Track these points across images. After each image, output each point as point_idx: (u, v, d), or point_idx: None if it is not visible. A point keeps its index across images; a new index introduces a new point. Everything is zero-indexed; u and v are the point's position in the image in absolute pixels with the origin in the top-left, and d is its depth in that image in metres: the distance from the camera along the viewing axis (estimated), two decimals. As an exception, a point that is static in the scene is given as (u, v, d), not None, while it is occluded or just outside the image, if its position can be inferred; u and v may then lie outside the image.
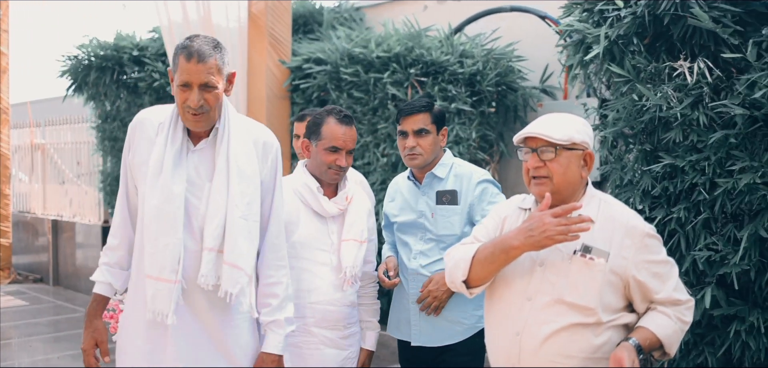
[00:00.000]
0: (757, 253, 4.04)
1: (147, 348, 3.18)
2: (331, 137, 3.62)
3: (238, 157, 3.14)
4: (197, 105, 3.03)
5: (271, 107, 7.19)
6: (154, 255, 3.07)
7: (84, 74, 8.93)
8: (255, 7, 7.22)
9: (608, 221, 2.93)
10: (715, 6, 4.08)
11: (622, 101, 4.55)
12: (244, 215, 3.12)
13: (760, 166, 3.95)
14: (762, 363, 4.21)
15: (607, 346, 2.87)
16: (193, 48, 3.04)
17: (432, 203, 3.87)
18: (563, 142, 2.93)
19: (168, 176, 3.07)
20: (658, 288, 2.90)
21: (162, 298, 3.06)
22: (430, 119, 3.84)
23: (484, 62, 6.48)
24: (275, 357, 3.27)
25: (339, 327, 3.69)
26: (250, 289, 3.19)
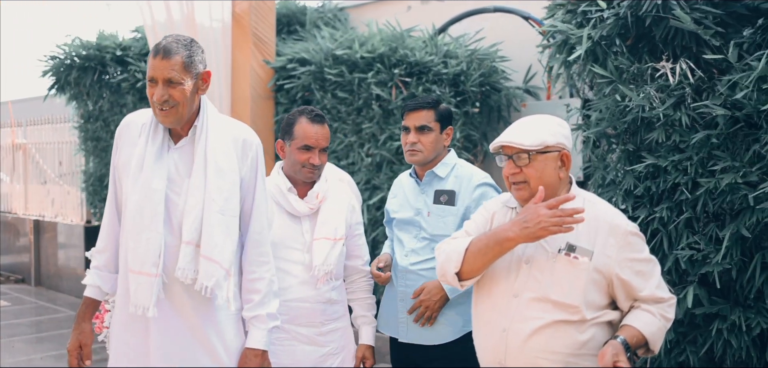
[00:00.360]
0: (738, 252, 4.08)
1: (132, 341, 3.25)
2: (303, 136, 3.66)
3: (217, 153, 3.20)
4: (161, 99, 3.11)
5: (255, 107, 7.19)
6: (135, 250, 3.14)
7: (66, 74, 8.89)
8: (239, 7, 7.21)
9: (592, 220, 2.96)
10: (697, 7, 4.12)
11: (605, 101, 4.58)
12: (222, 210, 3.18)
13: (741, 166, 3.99)
14: (743, 361, 4.25)
15: (592, 343, 2.91)
16: (161, 45, 3.15)
17: (429, 202, 3.85)
18: (535, 147, 2.96)
19: (148, 173, 3.16)
20: (642, 285, 2.94)
21: (143, 292, 3.13)
22: (434, 117, 3.82)
23: (467, 63, 6.51)
24: (258, 352, 3.31)
25: (315, 324, 3.71)
26: (227, 283, 3.23)
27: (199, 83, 3.23)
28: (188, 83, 3.15)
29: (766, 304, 4.09)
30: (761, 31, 4.01)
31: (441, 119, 3.85)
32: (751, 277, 4.09)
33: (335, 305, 3.79)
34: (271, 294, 3.35)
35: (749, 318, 4.11)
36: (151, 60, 3.14)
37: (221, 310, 3.26)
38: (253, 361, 3.30)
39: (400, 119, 6.52)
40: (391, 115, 6.60)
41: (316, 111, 3.73)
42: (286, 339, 3.68)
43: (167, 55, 3.12)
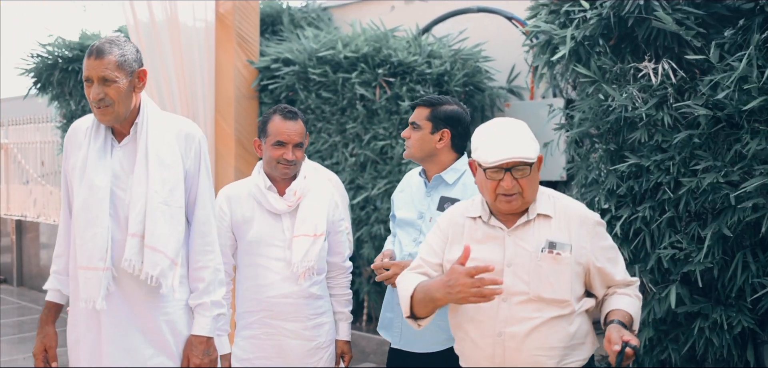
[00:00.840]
0: (720, 251, 4.11)
1: (86, 336, 3.34)
2: (276, 133, 3.74)
3: (158, 147, 3.31)
4: (97, 98, 3.21)
5: (239, 107, 7.17)
6: (83, 246, 3.24)
7: (48, 74, 8.83)
8: (222, 7, 7.19)
9: (562, 215, 3.06)
10: (679, 8, 4.15)
11: (588, 101, 4.61)
12: (166, 201, 3.29)
13: (723, 165, 4.02)
14: (725, 360, 4.28)
15: (579, 332, 3.01)
16: (94, 46, 3.24)
17: (434, 207, 3.77)
18: (535, 159, 3.01)
19: (91, 171, 3.27)
20: (615, 271, 3.08)
21: (92, 286, 3.22)
22: (426, 115, 3.76)
23: (451, 63, 6.51)
24: (203, 339, 3.40)
25: (300, 319, 3.77)
26: (172, 273, 3.31)
27: (135, 81, 3.32)
28: (123, 81, 3.25)
29: (748, 303, 4.13)
30: (742, 31, 4.05)
31: (434, 120, 3.76)
32: (732, 276, 4.12)
33: (319, 300, 3.86)
34: (216, 282, 3.44)
35: (731, 317, 4.14)
36: (86, 61, 3.24)
37: (169, 300, 3.36)
38: (198, 348, 3.39)
39: (384, 118, 6.53)
40: (375, 115, 6.61)
41: (288, 108, 3.79)
42: (273, 335, 3.75)
43: (100, 55, 3.22)
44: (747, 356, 4.24)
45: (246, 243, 3.78)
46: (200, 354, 3.40)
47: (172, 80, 6.81)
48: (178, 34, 6.88)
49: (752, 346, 4.25)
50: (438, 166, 3.80)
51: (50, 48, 8.70)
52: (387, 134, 6.50)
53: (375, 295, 7.22)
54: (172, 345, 3.37)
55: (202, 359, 3.40)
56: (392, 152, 6.48)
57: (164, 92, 6.79)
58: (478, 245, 3.07)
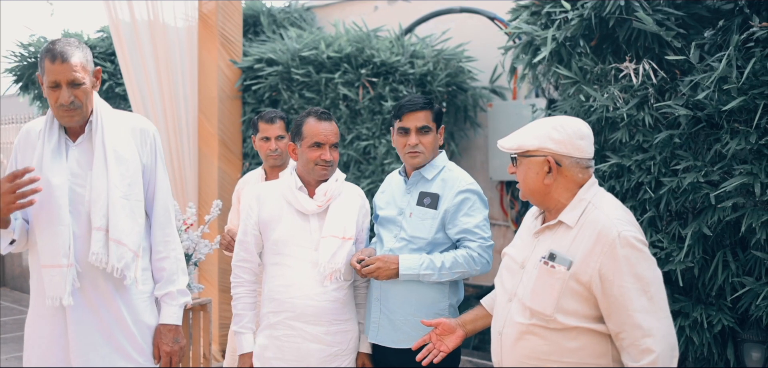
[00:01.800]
0: (700, 250, 4.14)
1: (50, 333, 3.36)
2: (312, 134, 3.72)
3: (115, 143, 3.37)
4: (68, 101, 3.25)
5: (222, 107, 7.16)
6: (45, 245, 3.27)
7: (29, 73, 8.80)
8: (205, 7, 7.18)
9: (585, 226, 2.84)
10: (659, 9, 4.18)
11: (569, 101, 4.63)
12: (126, 195, 3.36)
13: (703, 165, 4.05)
14: (705, 358, 4.31)
15: (586, 352, 2.80)
16: (56, 50, 3.24)
17: (413, 202, 3.80)
18: (514, 151, 2.98)
19: (47, 170, 3.28)
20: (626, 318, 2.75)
21: (57, 283, 3.25)
22: (432, 117, 3.78)
23: (434, 63, 6.53)
24: (171, 327, 3.51)
25: (322, 323, 3.69)
26: (135, 264, 3.38)
27: (94, 80, 3.38)
28: (88, 82, 3.31)
29: (728, 302, 4.16)
30: (722, 32, 4.08)
31: (437, 119, 3.82)
32: (712, 275, 4.15)
33: (343, 306, 3.77)
34: (179, 271, 3.55)
35: (711, 316, 4.17)
36: (51, 65, 3.23)
37: (133, 292, 3.42)
38: (167, 336, 3.49)
39: (367, 118, 6.53)
40: (358, 115, 6.62)
41: (322, 110, 3.79)
42: (293, 336, 3.69)
43: (66, 58, 3.23)
44: (727, 354, 4.26)
45: (272, 242, 3.75)
46: (170, 341, 3.49)
47: (153, 80, 6.80)
48: (159, 33, 6.86)
49: (732, 345, 4.28)
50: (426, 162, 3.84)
51: (32, 48, 8.66)
52: (370, 134, 6.51)
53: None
54: (137, 336, 3.43)
55: (172, 346, 3.49)
56: (375, 151, 6.48)
57: (146, 91, 6.77)
58: (518, 240, 3.12)
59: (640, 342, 2.67)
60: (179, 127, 6.96)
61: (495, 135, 6.55)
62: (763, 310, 3.97)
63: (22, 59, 8.78)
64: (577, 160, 2.90)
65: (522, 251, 3.03)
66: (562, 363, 2.83)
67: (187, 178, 7.02)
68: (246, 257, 3.82)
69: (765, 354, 4.19)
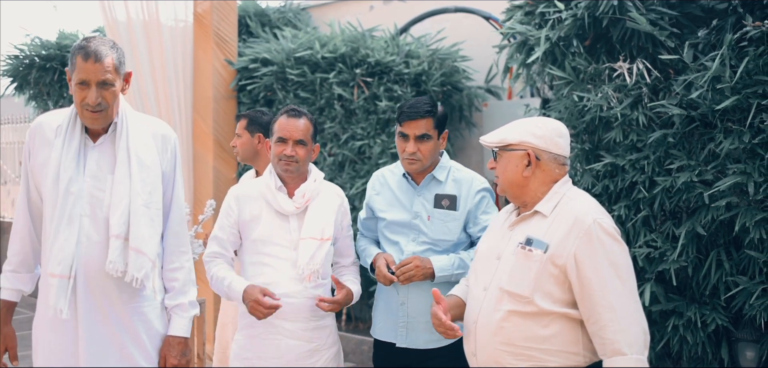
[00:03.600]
0: (694, 250, 4.14)
1: (60, 341, 3.28)
2: (278, 130, 3.74)
3: (138, 148, 3.29)
4: (95, 102, 3.16)
5: (217, 107, 7.16)
6: (54, 254, 3.19)
7: (25, 74, 8.79)
8: (200, 7, 7.17)
9: (560, 214, 2.98)
10: (653, 9, 4.18)
11: (563, 101, 4.63)
12: (146, 203, 3.27)
13: (697, 165, 4.05)
14: (699, 357, 4.31)
15: (558, 339, 2.90)
16: (90, 49, 3.16)
17: (429, 206, 3.77)
18: (495, 144, 3.08)
19: (65, 175, 3.20)
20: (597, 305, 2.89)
21: (60, 294, 3.18)
22: (433, 124, 3.72)
23: (429, 62, 6.53)
24: (180, 340, 3.44)
25: (300, 319, 3.71)
26: (153, 274, 3.33)
27: (124, 84, 3.30)
28: (118, 84, 3.23)
29: (722, 301, 4.16)
30: (715, 31, 4.08)
31: (439, 125, 3.75)
32: (706, 274, 4.15)
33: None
34: (190, 282, 3.50)
35: (705, 315, 4.17)
36: (82, 63, 3.15)
37: (147, 301, 3.36)
38: (175, 348, 3.43)
39: (361, 118, 6.53)
40: (353, 114, 6.62)
41: (294, 107, 3.81)
42: (272, 333, 3.70)
43: (99, 58, 3.16)
44: (721, 354, 4.27)
45: (251, 241, 3.75)
46: (178, 354, 3.42)
47: (148, 80, 6.80)
48: (155, 33, 6.86)
49: (726, 344, 4.29)
50: (430, 167, 3.82)
51: (27, 48, 8.65)
52: (365, 134, 6.51)
53: (354, 295, 7.23)
54: (147, 345, 3.37)
55: (179, 359, 3.42)
56: (370, 151, 6.48)
57: (141, 91, 6.77)
58: (490, 235, 3.22)
59: (609, 326, 2.81)
60: (174, 127, 6.95)
61: (490, 135, 6.55)
62: (756, 309, 3.97)
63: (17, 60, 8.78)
64: (555, 156, 3.05)
65: (497, 244, 3.12)
66: (536, 350, 2.91)
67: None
68: (220, 252, 3.80)
69: (759, 353, 4.20)
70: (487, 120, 6.76)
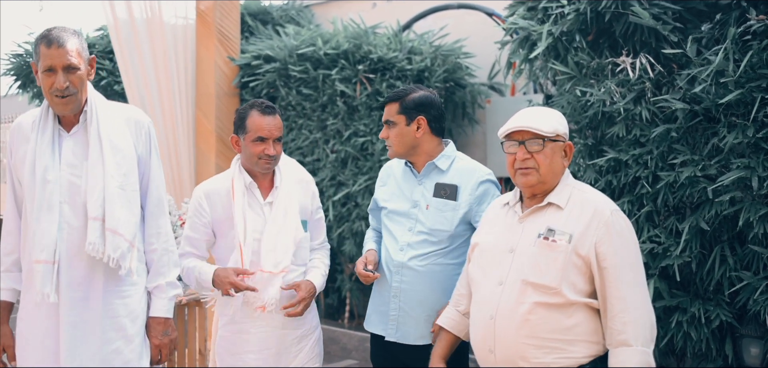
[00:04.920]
0: (697, 245, 4.12)
1: (43, 325, 3.35)
2: (256, 129, 3.71)
3: (110, 133, 3.37)
4: (64, 86, 3.24)
5: (220, 104, 7.16)
6: (37, 241, 3.27)
7: (28, 72, 8.79)
8: (203, 4, 7.17)
9: (577, 205, 3.05)
10: (656, 3, 4.16)
11: (566, 96, 4.62)
12: (122, 186, 3.35)
13: (700, 159, 4.03)
14: (703, 353, 4.30)
15: (579, 329, 2.96)
16: (53, 35, 3.25)
17: (429, 195, 3.74)
18: (550, 134, 3.05)
19: (41, 163, 3.28)
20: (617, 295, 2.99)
21: (47, 279, 3.25)
22: (397, 110, 3.74)
23: (432, 59, 6.53)
24: (161, 320, 3.51)
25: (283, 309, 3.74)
26: (130, 255, 3.36)
27: (89, 69, 3.37)
28: (83, 68, 3.31)
29: (726, 297, 4.14)
30: (719, 26, 4.06)
31: (405, 111, 3.73)
32: (710, 270, 4.13)
33: None
34: (170, 263, 3.55)
35: (709, 311, 4.15)
36: (46, 50, 3.23)
37: (127, 283, 3.42)
38: (157, 329, 3.50)
39: (364, 115, 6.54)
40: (356, 111, 6.61)
41: (266, 103, 3.79)
42: (259, 325, 3.74)
43: (62, 43, 3.24)
44: (725, 349, 4.25)
45: (229, 239, 3.76)
46: (159, 334, 3.50)
47: (151, 77, 6.80)
48: (157, 31, 6.86)
49: (730, 340, 4.27)
50: (424, 155, 3.78)
51: (30, 47, 8.65)
52: (367, 131, 6.51)
53: (357, 292, 7.23)
54: (129, 328, 3.42)
55: (161, 339, 3.50)
56: (372, 148, 6.48)
57: (144, 89, 6.77)
58: (493, 229, 3.21)
59: (618, 316, 2.90)
60: (177, 124, 6.95)
61: (493, 132, 6.53)
62: (761, 305, 3.95)
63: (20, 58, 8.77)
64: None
65: (505, 237, 3.13)
66: (560, 342, 2.95)
67: (185, 174, 7.01)
68: (193, 252, 3.81)
69: (763, 350, 4.18)
70: (490, 117, 6.74)
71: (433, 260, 3.67)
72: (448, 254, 3.68)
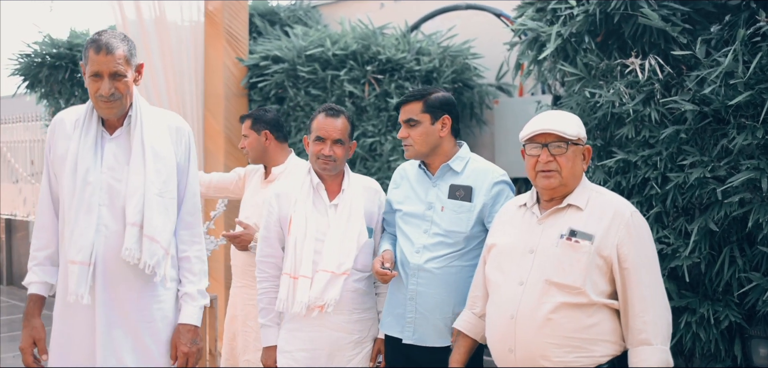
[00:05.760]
0: (706, 246, 4.12)
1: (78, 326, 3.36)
2: (316, 129, 3.84)
3: (153, 140, 3.40)
4: (109, 92, 3.28)
5: (228, 104, 7.17)
6: (74, 241, 3.28)
7: (36, 72, 8.81)
8: (211, 5, 7.18)
9: (597, 207, 3.11)
10: (665, 4, 4.16)
11: (575, 97, 4.62)
12: (161, 192, 3.37)
13: (709, 160, 4.04)
14: (712, 354, 4.30)
15: (600, 328, 3.01)
16: (102, 41, 3.28)
17: (443, 197, 3.74)
18: (573, 137, 3.10)
19: (83, 164, 3.31)
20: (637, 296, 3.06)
21: (81, 280, 3.26)
22: (421, 109, 3.72)
23: (440, 60, 6.53)
24: (190, 328, 3.51)
25: (344, 312, 3.80)
26: (165, 262, 3.39)
27: (136, 75, 3.40)
28: (130, 75, 3.34)
29: (735, 297, 4.15)
30: (728, 27, 4.07)
31: (430, 110, 3.73)
32: (719, 271, 4.14)
33: (364, 296, 3.89)
34: (202, 272, 3.56)
35: (718, 311, 4.16)
36: (95, 56, 3.27)
37: (162, 290, 3.44)
38: (185, 336, 3.49)
39: (372, 115, 6.54)
40: (364, 112, 6.61)
41: (333, 106, 3.90)
42: (317, 327, 3.79)
43: (110, 50, 3.27)
44: (734, 351, 4.25)
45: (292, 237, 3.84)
46: (188, 342, 3.48)
47: (160, 78, 6.81)
48: (166, 32, 6.88)
49: (739, 341, 4.27)
50: (442, 156, 3.78)
51: (38, 47, 8.68)
52: (376, 131, 6.51)
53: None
54: (162, 334, 3.45)
55: (189, 347, 3.49)
56: (381, 148, 6.48)
57: (152, 89, 6.78)
58: (512, 230, 3.24)
59: (638, 316, 2.98)
60: (186, 124, 6.97)
61: (501, 132, 6.54)
62: (770, 306, 3.96)
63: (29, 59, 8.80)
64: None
65: (524, 238, 3.17)
66: (581, 340, 3.00)
67: (194, 175, 7.02)
68: (270, 253, 3.90)
69: (772, 350, 4.19)
70: (498, 118, 6.74)
71: (449, 262, 3.67)
72: (463, 255, 3.68)
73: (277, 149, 4.93)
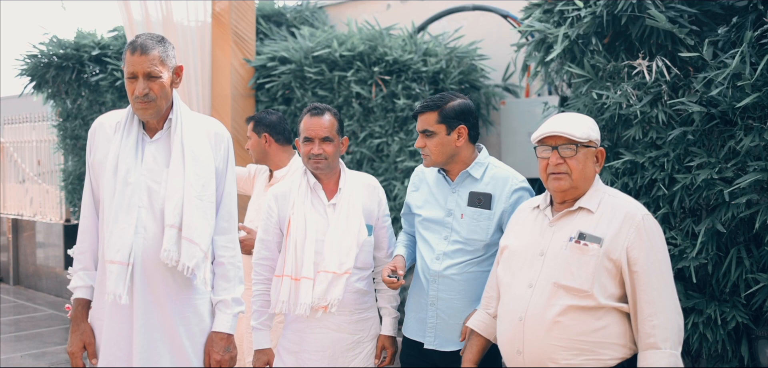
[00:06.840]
0: (714, 247, 4.13)
1: (116, 328, 3.37)
2: (303, 130, 3.86)
3: (193, 144, 3.42)
4: (143, 92, 3.30)
5: (235, 105, 7.19)
6: (113, 241, 3.29)
7: (43, 72, 8.84)
8: (219, 6, 7.20)
9: (608, 209, 3.11)
10: (672, 6, 4.17)
11: (582, 99, 4.63)
12: (199, 196, 3.38)
13: (717, 162, 4.05)
14: (719, 355, 4.31)
15: (609, 331, 3.02)
16: (137, 42, 3.34)
17: (463, 204, 3.72)
18: (582, 140, 3.10)
19: (125, 166, 3.33)
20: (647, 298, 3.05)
21: (119, 280, 3.27)
22: (436, 119, 3.69)
23: (447, 61, 6.54)
24: (223, 336, 3.49)
25: (345, 313, 3.82)
26: (204, 265, 3.41)
27: (174, 77, 3.42)
28: (166, 76, 3.36)
29: (742, 298, 4.15)
30: (735, 29, 4.07)
31: (446, 120, 3.69)
32: (726, 272, 4.14)
33: (365, 296, 3.91)
34: (237, 279, 3.55)
35: (725, 312, 4.16)
36: (130, 57, 3.32)
37: (199, 294, 3.44)
38: (219, 344, 3.48)
39: (379, 116, 6.56)
40: (371, 113, 6.63)
41: (316, 105, 3.91)
42: (318, 327, 3.80)
43: (145, 51, 3.31)
44: (741, 351, 4.26)
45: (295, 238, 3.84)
46: (221, 350, 3.48)
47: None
48: (173, 32, 6.90)
49: (746, 342, 4.27)
50: (461, 163, 3.77)
51: (45, 47, 8.70)
52: (383, 132, 6.52)
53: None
54: (198, 337, 3.46)
55: (222, 356, 3.48)
56: (388, 149, 6.50)
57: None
58: (524, 232, 3.26)
59: (648, 320, 2.96)
60: (193, 125, 6.98)
61: (508, 133, 6.55)
62: (776, 307, 3.97)
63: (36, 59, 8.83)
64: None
65: (534, 240, 3.19)
66: (590, 344, 3.00)
67: (201, 176, 7.04)
68: (268, 255, 3.90)
69: (779, 351, 4.19)
70: (504, 119, 6.75)
71: (468, 268, 3.68)
72: (482, 261, 3.69)
73: (278, 151, 4.97)
